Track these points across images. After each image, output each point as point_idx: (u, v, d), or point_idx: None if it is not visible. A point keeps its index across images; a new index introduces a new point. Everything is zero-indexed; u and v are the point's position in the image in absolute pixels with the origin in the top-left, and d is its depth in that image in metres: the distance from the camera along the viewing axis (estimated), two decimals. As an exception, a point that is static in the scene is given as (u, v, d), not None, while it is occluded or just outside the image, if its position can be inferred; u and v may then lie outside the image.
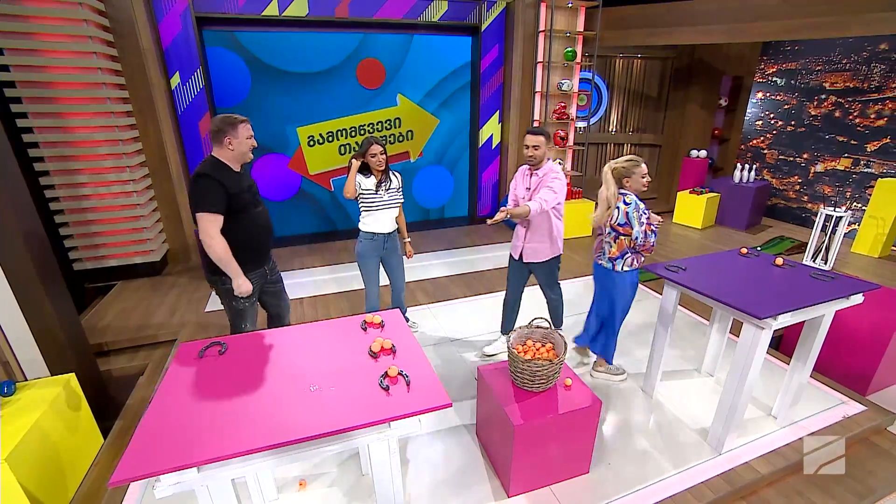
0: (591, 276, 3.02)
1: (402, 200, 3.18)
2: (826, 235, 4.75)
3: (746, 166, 6.15)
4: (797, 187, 6.47)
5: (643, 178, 2.62)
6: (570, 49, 5.51)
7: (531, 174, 2.88)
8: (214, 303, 4.12)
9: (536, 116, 5.80)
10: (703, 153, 6.55)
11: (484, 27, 5.59)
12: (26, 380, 2.75)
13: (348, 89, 5.39)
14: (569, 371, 2.37)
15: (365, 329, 2.01)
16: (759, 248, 5.32)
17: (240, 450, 1.33)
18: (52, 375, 2.73)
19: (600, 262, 2.81)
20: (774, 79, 6.52)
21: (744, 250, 2.85)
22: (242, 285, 2.38)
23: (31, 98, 3.80)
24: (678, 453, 2.47)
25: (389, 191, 3.07)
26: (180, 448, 1.35)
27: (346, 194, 3.00)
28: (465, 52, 5.77)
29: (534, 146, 2.76)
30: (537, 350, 2.29)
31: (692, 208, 6.07)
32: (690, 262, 2.69)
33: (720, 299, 2.21)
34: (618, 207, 2.61)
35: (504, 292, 3.28)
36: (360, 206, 3.07)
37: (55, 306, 2.78)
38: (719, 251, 3.06)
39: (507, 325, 3.32)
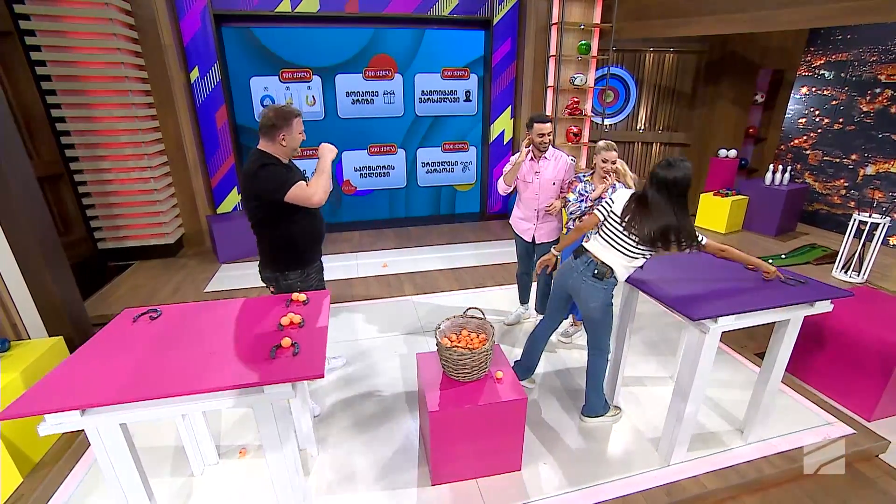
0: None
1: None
2: (859, 243, 4.29)
3: (780, 168, 5.65)
4: (843, 192, 5.87)
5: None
6: (583, 42, 5.32)
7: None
8: (216, 284, 4.38)
9: (548, 112, 5.65)
10: (733, 153, 6.09)
11: (496, 21, 5.53)
12: (30, 338, 3.08)
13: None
14: (504, 365, 2.31)
15: (288, 305, 2.07)
16: (783, 255, 4.90)
17: (118, 399, 1.44)
18: (49, 337, 3.03)
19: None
20: (822, 72, 5.95)
21: (720, 250, 2.64)
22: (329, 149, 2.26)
23: (63, 91, 4.22)
24: (623, 460, 2.34)
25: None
26: (71, 393, 1.47)
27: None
28: (477, 47, 5.73)
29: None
30: (470, 340, 2.25)
31: (715, 211, 5.66)
32: (653, 260, 2.53)
33: (660, 297, 2.07)
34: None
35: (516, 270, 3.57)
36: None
37: (54, 276, 3.08)
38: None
39: (524, 296, 3.63)
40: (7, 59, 4.29)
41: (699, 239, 2.07)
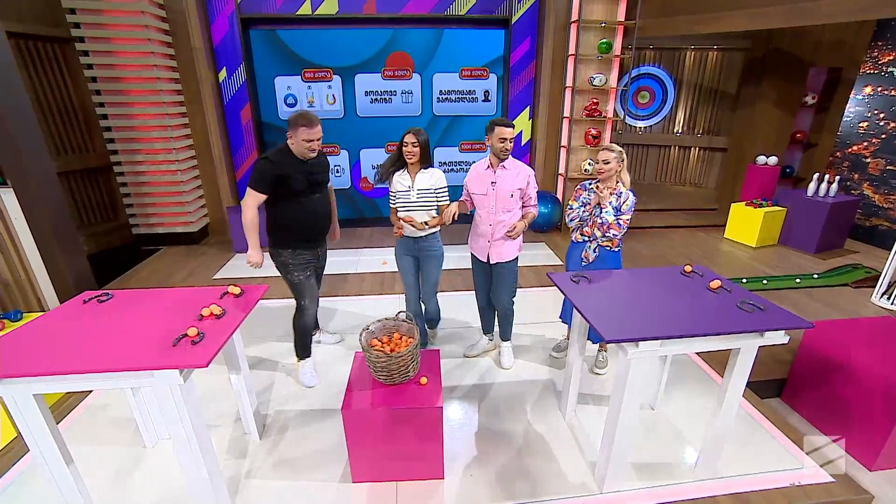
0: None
1: (443, 201, 2.88)
2: (906, 268, 3.76)
3: (828, 177, 5.06)
4: (908, 207, 5.15)
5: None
6: (604, 40, 5.07)
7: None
8: (225, 271, 4.68)
9: (566, 112, 5.46)
10: (774, 160, 5.52)
11: (514, 20, 5.41)
12: (48, 310, 3.49)
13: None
14: (432, 371, 2.29)
15: (222, 297, 2.19)
16: (816, 275, 4.36)
17: (27, 372, 1.60)
18: (63, 311, 3.42)
19: (606, 245, 2.72)
20: (891, 69, 5.24)
21: (688, 268, 2.43)
22: (253, 256, 2.63)
23: (106, 91, 4.70)
24: (555, 481, 2.24)
25: (421, 191, 2.76)
26: (-8, 364, 1.65)
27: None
28: (497, 46, 5.64)
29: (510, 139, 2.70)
30: (399, 344, 2.26)
31: (747, 223, 5.18)
32: (604, 274, 2.39)
33: (581, 310, 1.94)
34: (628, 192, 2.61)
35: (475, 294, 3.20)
36: (390, 203, 2.90)
37: (66, 257, 3.46)
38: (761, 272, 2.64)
39: (488, 326, 3.28)
40: (69, 63, 4.87)
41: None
